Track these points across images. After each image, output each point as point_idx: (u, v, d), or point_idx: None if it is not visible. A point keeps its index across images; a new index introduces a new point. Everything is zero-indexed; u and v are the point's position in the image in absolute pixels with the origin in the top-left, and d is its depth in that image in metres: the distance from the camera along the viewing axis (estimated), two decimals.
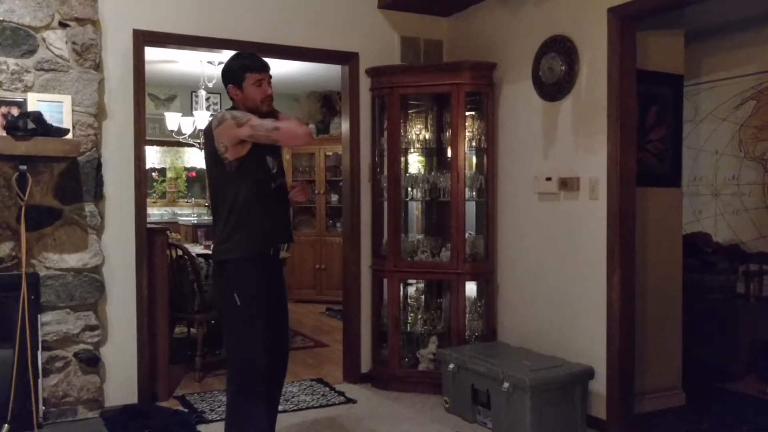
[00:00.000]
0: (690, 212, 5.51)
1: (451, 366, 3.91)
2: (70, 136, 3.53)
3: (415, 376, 4.39)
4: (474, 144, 4.45)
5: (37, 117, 3.33)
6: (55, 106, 3.56)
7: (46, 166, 3.59)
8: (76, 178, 3.67)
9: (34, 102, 3.52)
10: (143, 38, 3.93)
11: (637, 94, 3.63)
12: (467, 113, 4.36)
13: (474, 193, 4.43)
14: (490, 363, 3.68)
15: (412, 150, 4.71)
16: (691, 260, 4.70)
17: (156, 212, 8.49)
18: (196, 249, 5.52)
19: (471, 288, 4.48)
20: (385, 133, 4.47)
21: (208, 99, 7.44)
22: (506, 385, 3.50)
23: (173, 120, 7.07)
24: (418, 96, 4.61)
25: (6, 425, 3.33)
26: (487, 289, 4.42)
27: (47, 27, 3.61)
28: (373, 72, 4.50)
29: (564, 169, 3.87)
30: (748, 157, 5.29)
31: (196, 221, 7.95)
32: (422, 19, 4.77)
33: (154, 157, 8.67)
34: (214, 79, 6.51)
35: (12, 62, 3.53)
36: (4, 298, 3.45)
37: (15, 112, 3.44)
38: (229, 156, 2.74)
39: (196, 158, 8.81)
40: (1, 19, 3.50)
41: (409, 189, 4.54)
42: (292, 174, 7.55)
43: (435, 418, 3.88)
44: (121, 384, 3.89)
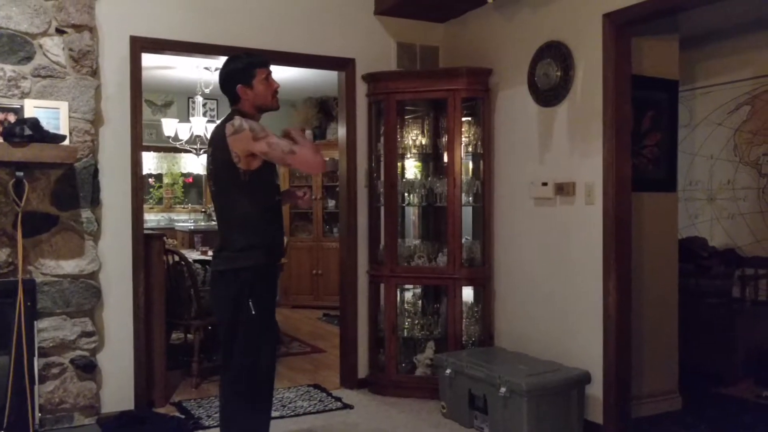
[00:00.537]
0: (685, 217, 5.53)
1: (448, 371, 3.91)
2: (66, 142, 3.53)
3: (412, 382, 4.40)
4: (470, 149, 4.47)
5: (34, 123, 3.32)
6: (51, 113, 3.56)
7: (42, 172, 3.59)
8: (73, 185, 3.67)
9: (31, 108, 3.51)
10: (140, 45, 3.94)
11: (633, 99, 3.64)
12: (463, 119, 4.38)
13: (470, 199, 4.44)
14: (487, 368, 3.69)
15: (409, 155, 4.73)
16: (687, 265, 4.72)
17: (153, 218, 8.47)
18: (193, 255, 5.53)
19: (468, 293, 4.48)
20: (382, 139, 4.48)
21: (204, 105, 7.45)
22: (503, 390, 3.50)
23: (170, 126, 7.07)
24: (415, 102, 4.64)
25: None
26: (484, 294, 4.42)
27: (44, 34, 3.61)
28: (370, 78, 4.52)
29: (560, 175, 3.88)
30: (744, 162, 5.31)
31: (192, 227, 7.94)
32: (418, 26, 4.79)
33: (150, 163, 8.66)
34: (210, 85, 6.50)
35: (9, 69, 3.53)
36: (1, 305, 3.44)
37: (12, 118, 3.43)
38: (242, 166, 2.72)
39: (192, 164, 8.80)
40: None
41: (406, 194, 4.56)
42: (289, 180, 7.53)
43: (432, 424, 3.88)
44: (118, 390, 3.88)
